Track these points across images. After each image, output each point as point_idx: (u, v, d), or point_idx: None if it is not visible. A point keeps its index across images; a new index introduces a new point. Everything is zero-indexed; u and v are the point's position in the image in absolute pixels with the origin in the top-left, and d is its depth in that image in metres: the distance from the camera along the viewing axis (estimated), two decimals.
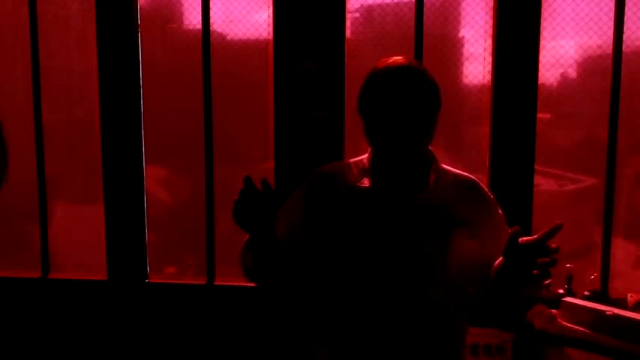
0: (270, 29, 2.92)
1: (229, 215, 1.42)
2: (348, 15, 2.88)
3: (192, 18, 3.10)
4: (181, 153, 3.21)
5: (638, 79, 2.86)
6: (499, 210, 1.60)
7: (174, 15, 3.26)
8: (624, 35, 2.71)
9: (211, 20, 2.96)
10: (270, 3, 2.91)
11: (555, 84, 2.95)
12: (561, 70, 2.92)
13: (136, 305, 3.10)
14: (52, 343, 3.12)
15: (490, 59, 2.84)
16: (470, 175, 1.61)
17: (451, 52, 3.03)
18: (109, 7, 2.95)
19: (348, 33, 2.89)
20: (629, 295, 2.68)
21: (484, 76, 2.88)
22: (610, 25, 2.74)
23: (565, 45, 2.87)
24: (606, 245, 2.84)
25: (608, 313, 2.28)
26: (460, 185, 1.56)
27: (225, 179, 3.02)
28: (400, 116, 1.41)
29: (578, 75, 2.99)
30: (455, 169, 1.61)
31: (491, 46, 2.83)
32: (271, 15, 2.91)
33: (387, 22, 2.97)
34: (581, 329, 2.32)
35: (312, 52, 2.84)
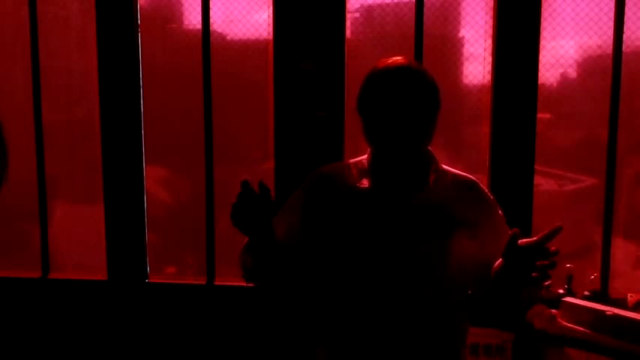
0: (270, 29, 2.92)
1: (229, 215, 1.42)
2: (348, 15, 2.88)
3: (192, 18, 3.10)
4: (181, 153, 3.21)
5: (638, 79, 2.86)
6: (499, 210, 1.60)
7: (174, 15, 3.26)
8: (624, 35, 2.71)
9: (211, 20, 2.96)
10: (270, 3, 2.91)
11: (555, 84, 2.95)
12: (561, 70, 2.92)
13: (136, 305, 3.10)
14: (52, 343, 3.12)
15: (490, 59, 2.84)
16: (469, 176, 1.61)
17: (451, 52, 3.03)
18: (109, 7, 2.95)
19: (348, 33, 2.89)
20: (629, 295, 2.68)
21: (484, 76, 2.88)
22: (610, 25, 2.74)
23: (565, 45, 2.87)
24: (606, 245, 2.84)
25: (608, 313, 2.28)
26: (460, 185, 1.56)
27: (225, 179, 3.01)
28: (400, 116, 1.41)
29: (578, 75, 2.99)
30: (455, 169, 1.61)
31: (491, 46, 2.83)
32: (271, 15, 2.91)
33: (387, 22, 2.97)
34: (581, 329, 2.32)
35: (312, 52, 2.84)
